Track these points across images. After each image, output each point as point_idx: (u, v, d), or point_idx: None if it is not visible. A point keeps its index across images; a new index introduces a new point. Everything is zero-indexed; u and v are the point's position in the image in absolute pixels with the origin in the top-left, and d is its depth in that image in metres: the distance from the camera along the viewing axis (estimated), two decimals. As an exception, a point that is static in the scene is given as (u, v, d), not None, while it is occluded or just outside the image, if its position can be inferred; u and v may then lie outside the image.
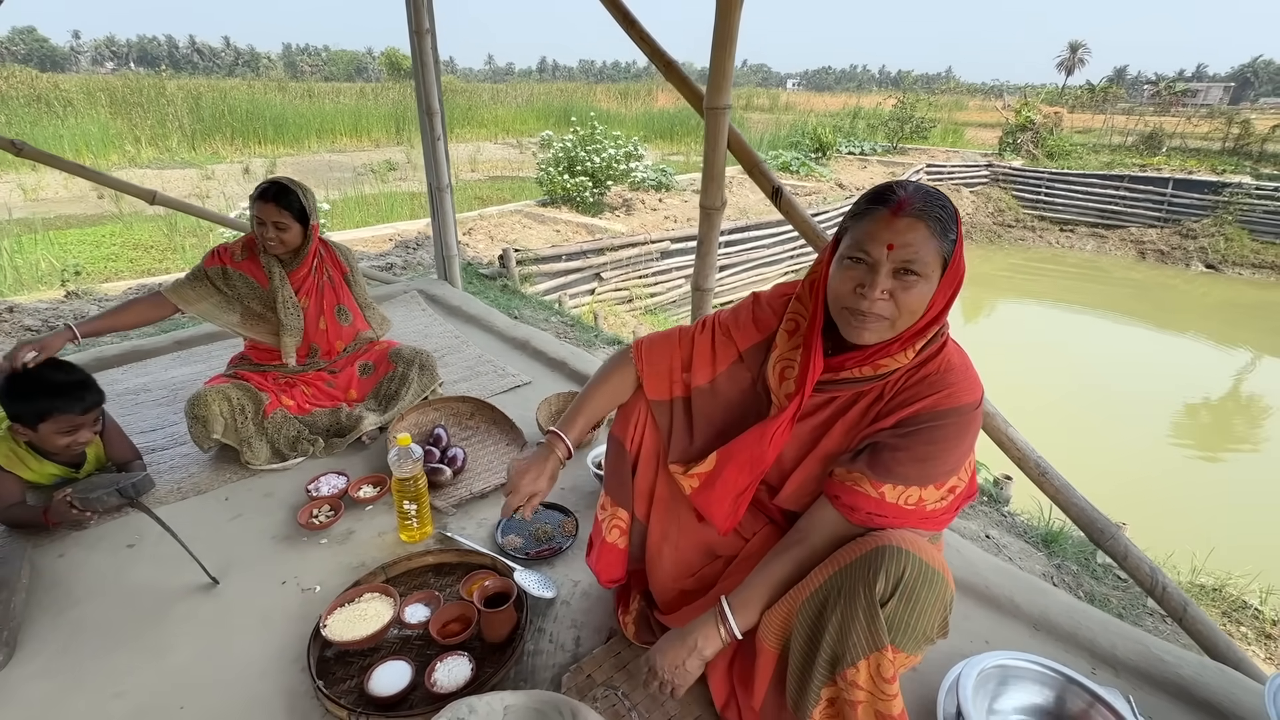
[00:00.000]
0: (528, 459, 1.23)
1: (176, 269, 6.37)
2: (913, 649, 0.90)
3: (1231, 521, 4.60)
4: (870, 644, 0.88)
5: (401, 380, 2.21)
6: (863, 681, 0.88)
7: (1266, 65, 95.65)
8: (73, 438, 1.65)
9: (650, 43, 2.18)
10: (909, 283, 0.89)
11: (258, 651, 1.36)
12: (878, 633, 0.87)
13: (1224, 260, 11.93)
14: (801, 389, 1.04)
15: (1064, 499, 1.64)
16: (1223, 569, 2.39)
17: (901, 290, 0.90)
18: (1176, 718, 1.26)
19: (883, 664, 0.87)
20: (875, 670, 0.88)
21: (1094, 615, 1.46)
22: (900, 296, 0.90)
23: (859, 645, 0.89)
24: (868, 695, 0.88)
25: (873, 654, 0.88)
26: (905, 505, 0.96)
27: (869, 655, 0.88)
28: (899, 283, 0.90)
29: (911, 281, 0.89)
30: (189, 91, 16.43)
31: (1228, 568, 2.39)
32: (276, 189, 1.92)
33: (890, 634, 0.88)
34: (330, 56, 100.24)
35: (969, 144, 18.68)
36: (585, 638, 1.41)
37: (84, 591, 1.52)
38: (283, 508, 1.82)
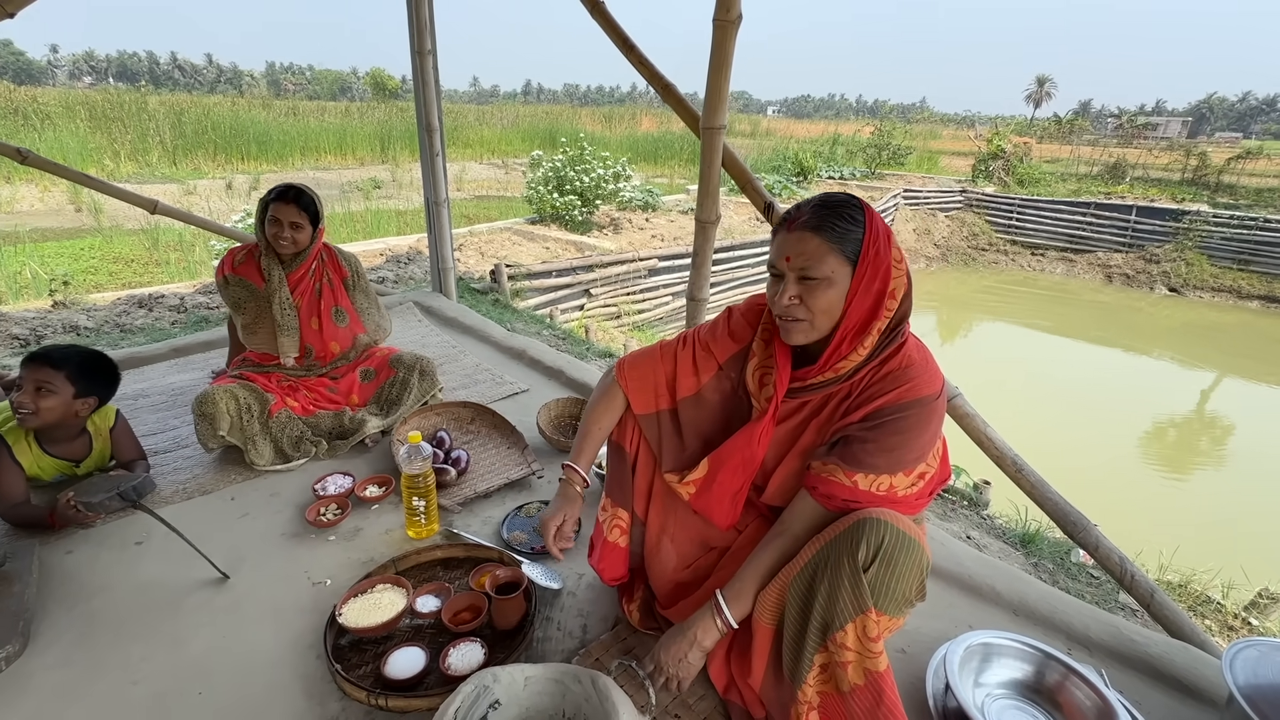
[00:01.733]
0: (553, 506, 1.34)
1: (159, 282, 6.34)
2: (895, 611, 0.99)
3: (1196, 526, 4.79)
4: (855, 607, 0.96)
5: (403, 385, 2.27)
6: (850, 643, 0.96)
7: (1221, 102, 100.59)
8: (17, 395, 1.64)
9: (648, 66, 2.31)
10: (810, 287, 1.02)
11: (272, 640, 1.40)
12: (861, 596, 0.95)
13: (1185, 284, 12.45)
14: (776, 394, 1.14)
15: (1039, 494, 1.75)
16: (1187, 567, 2.52)
17: (808, 294, 1.02)
18: (1145, 690, 1.36)
19: (868, 625, 0.95)
20: (862, 631, 0.96)
21: (1069, 601, 1.56)
22: (808, 299, 1.02)
23: (846, 610, 0.97)
24: (856, 655, 0.96)
25: (858, 617, 0.96)
26: (877, 492, 1.05)
27: (855, 618, 0.96)
28: (804, 287, 1.03)
29: (812, 285, 1.01)
30: (171, 107, 16.36)
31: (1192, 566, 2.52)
32: (295, 191, 2.03)
33: (873, 597, 0.96)
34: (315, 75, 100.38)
35: (943, 171, 19.32)
36: (591, 625, 1.47)
37: (95, 586, 1.54)
38: (289, 506, 1.86)
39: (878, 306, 1.03)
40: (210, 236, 7.67)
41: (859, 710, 0.95)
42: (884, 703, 0.94)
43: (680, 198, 10.49)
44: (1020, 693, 1.26)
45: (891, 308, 1.04)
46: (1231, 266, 12.36)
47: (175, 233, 8.26)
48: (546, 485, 2.01)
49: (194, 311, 4.09)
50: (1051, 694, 1.23)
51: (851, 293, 1.01)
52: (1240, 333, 11.20)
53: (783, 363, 1.13)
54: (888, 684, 0.94)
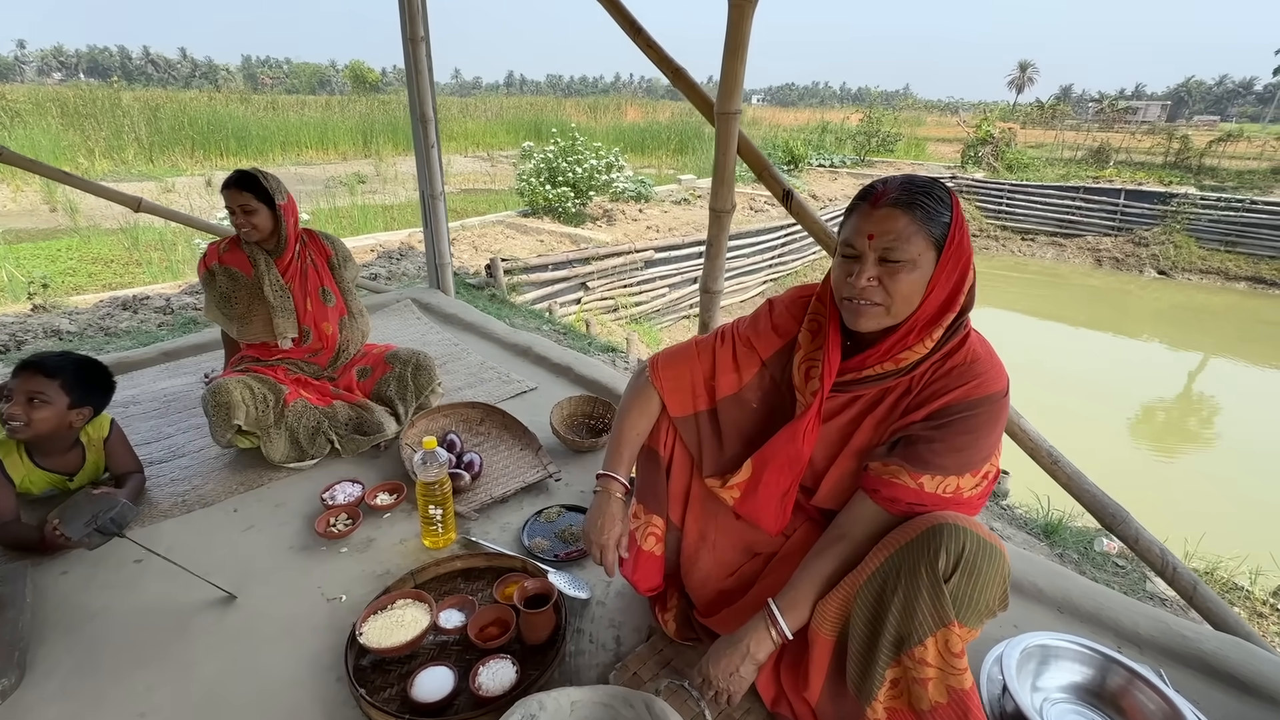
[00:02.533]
0: (592, 512, 1.24)
1: (140, 283, 6.17)
2: (975, 623, 0.92)
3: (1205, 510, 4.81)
4: (936, 620, 0.89)
5: (398, 381, 2.19)
6: (931, 658, 0.90)
7: (1198, 85, 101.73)
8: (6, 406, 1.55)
9: (657, 49, 2.22)
10: (893, 269, 0.93)
11: (287, 663, 1.32)
12: (943, 609, 0.89)
13: (1174, 266, 12.56)
14: (823, 385, 1.06)
15: (1075, 486, 1.70)
16: (1211, 554, 2.50)
17: (888, 277, 0.94)
18: (1202, 689, 1.31)
19: (950, 639, 0.89)
20: (944, 646, 0.89)
21: (1114, 597, 1.52)
22: (888, 282, 0.94)
23: (925, 623, 0.90)
24: (938, 671, 0.90)
25: (939, 630, 0.89)
26: (944, 494, 0.98)
27: (936, 632, 0.90)
28: (884, 269, 0.94)
29: (895, 268, 0.93)
30: (145, 103, 15.96)
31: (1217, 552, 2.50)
32: (238, 174, 1.98)
33: (955, 609, 0.89)
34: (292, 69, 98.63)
35: (930, 157, 19.33)
36: (625, 636, 1.40)
37: (93, 609, 1.44)
38: (296, 517, 1.77)
39: (954, 297, 0.96)
40: (193, 234, 7.47)
41: None
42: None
43: (672, 188, 10.38)
44: (1080, 697, 1.21)
45: (959, 303, 0.97)
46: (1219, 248, 12.48)
47: (156, 231, 8.05)
48: (564, 488, 1.94)
49: (181, 313, 3.95)
50: (1114, 699, 1.18)
51: (933, 280, 0.94)
52: (1229, 314, 11.32)
53: (833, 351, 1.05)
54: (974, 703, 0.88)
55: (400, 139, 17.58)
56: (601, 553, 1.22)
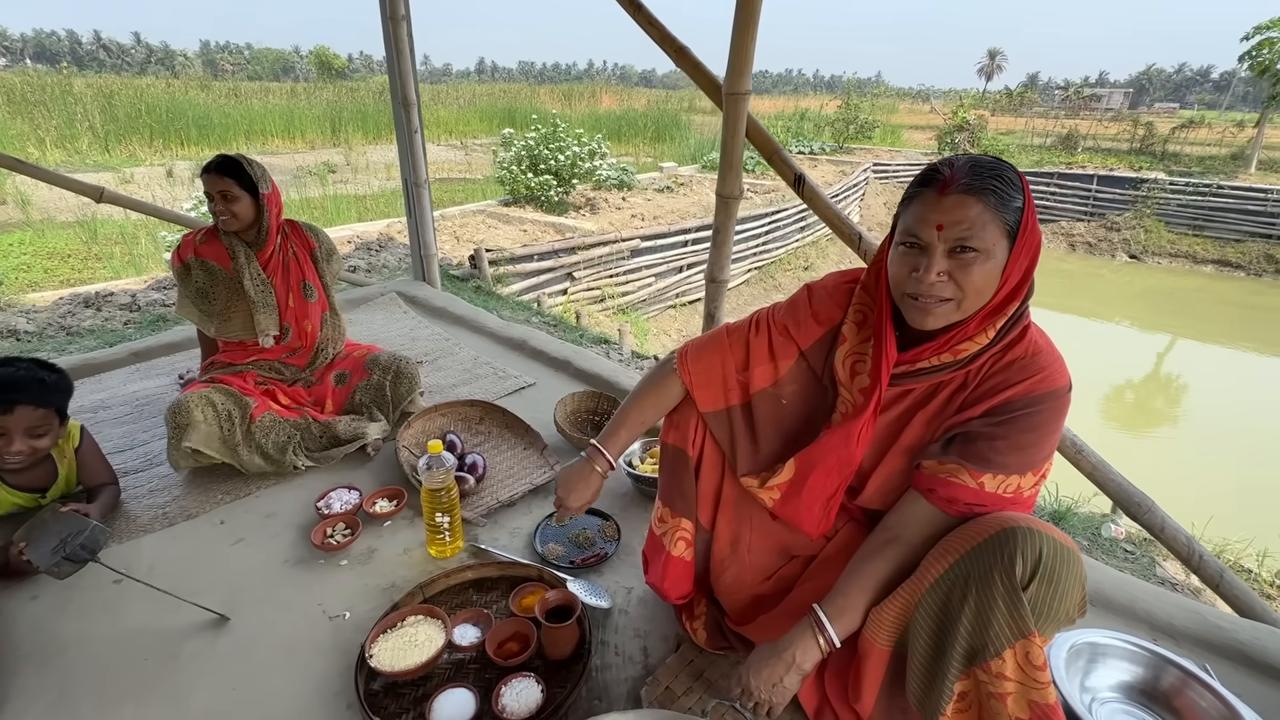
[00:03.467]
0: (570, 471, 1.25)
1: (102, 278, 5.89)
2: (1052, 632, 0.87)
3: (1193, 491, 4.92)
4: (1015, 631, 0.83)
5: (375, 390, 2.05)
6: (1010, 672, 0.84)
7: (1159, 73, 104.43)
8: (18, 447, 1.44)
9: (659, 27, 2.12)
10: (966, 260, 0.85)
11: (291, 689, 1.22)
12: (1023, 619, 0.83)
13: (1145, 250, 12.88)
14: (877, 381, 0.99)
15: (1100, 476, 1.67)
16: (1217, 537, 2.52)
17: (960, 270, 0.86)
18: (1242, 681, 1.29)
19: (1031, 651, 0.83)
20: (1024, 658, 0.83)
21: (1145, 587, 1.49)
22: (960, 276, 0.86)
23: (1002, 634, 0.84)
24: (1018, 685, 0.84)
25: (1019, 642, 0.83)
26: (1004, 494, 0.92)
27: (1015, 644, 0.84)
28: (956, 262, 0.86)
29: (969, 259, 0.85)
30: (99, 90, 15.27)
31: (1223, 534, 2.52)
32: (220, 159, 1.84)
33: (1034, 619, 0.84)
34: (254, 55, 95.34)
35: (907, 144, 19.47)
36: (652, 647, 1.33)
37: (70, 637, 1.32)
38: (290, 529, 1.66)
39: (1022, 285, 0.89)
40: (158, 226, 7.15)
41: None
42: None
43: (654, 175, 10.25)
44: (1131, 697, 1.17)
45: (1025, 289, 0.90)
46: (1187, 232, 12.82)
47: (115, 224, 7.70)
48: (574, 489, 1.84)
49: (148, 310, 3.75)
50: (1167, 699, 1.14)
51: (1007, 270, 0.86)
52: (1196, 296, 11.65)
53: (889, 346, 0.97)
54: (1058, 716, 0.83)
55: (370, 127, 17.11)
56: (562, 511, 1.26)
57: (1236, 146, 17.32)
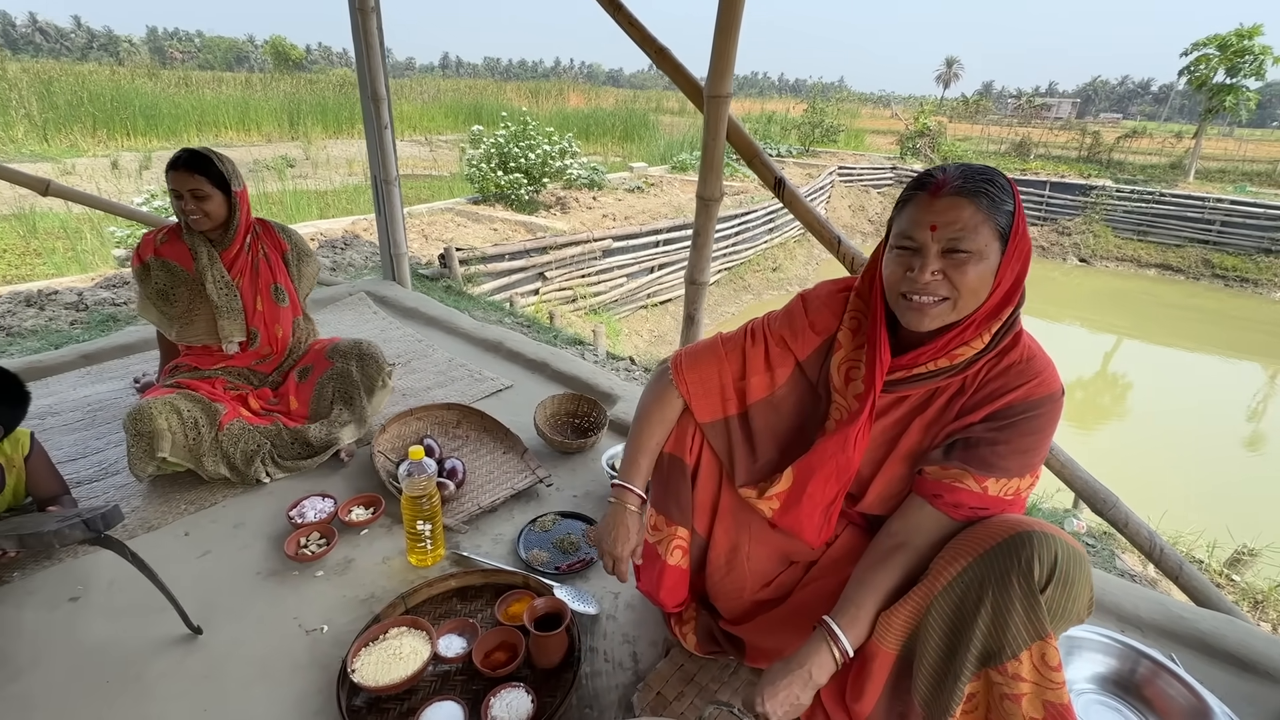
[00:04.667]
0: (606, 522, 1.20)
1: (42, 275, 5.58)
2: (1060, 631, 0.89)
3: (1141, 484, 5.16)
4: (1031, 633, 0.84)
5: (341, 378, 1.97)
6: (1026, 673, 0.85)
7: (1104, 84, 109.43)
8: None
9: (639, 28, 2.11)
10: (959, 260, 0.87)
11: (267, 709, 1.17)
12: (1039, 621, 0.84)
13: (1093, 254, 13.47)
14: (871, 385, 1.00)
15: (1068, 474, 1.73)
16: (1171, 529, 2.65)
17: (954, 270, 0.88)
18: (1204, 669, 1.35)
19: (1047, 653, 0.84)
20: (1040, 660, 0.85)
21: (1112, 580, 1.55)
22: (954, 276, 0.88)
23: (1019, 636, 0.85)
24: (1033, 686, 0.85)
25: (1035, 643, 0.84)
26: (1005, 497, 0.94)
27: (1031, 645, 0.85)
28: (949, 262, 0.88)
29: (962, 259, 0.87)
30: (36, 75, 14.48)
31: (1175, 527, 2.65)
32: (189, 154, 1.73)
33: (1050, 621, 0.85)
34: (205, 43, 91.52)
35: (869, 148, 19.92)
36: (641, 652, 1.32)
37: (25, 659, 1.24)
38: (260, 539, 1.59)
39: (1015, 290, 0.91)
40: (106, 221, 6.80)
41: None
42: None
43: (624, 175, 10.23)
44: (1105, 688, 1.22)
45: (1018, 294, 0.92)
46: (1133, 237, 13.46)
47: (57, 218, 7.30)
48: (556, 494, 1.83)
49: (96, 310, 3.55)
50: (1139, 689, 1.19)
51: (1000, 272, 0.89)
52: (1140, 299, 12.23)
53: (883, 350, 0.98)
54: (1073, 717, 0.85)
55: (330, 121, 16.64)
56: (615, 564, 1.18)
57: (1175, 156, 18.27)
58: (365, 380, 1.97)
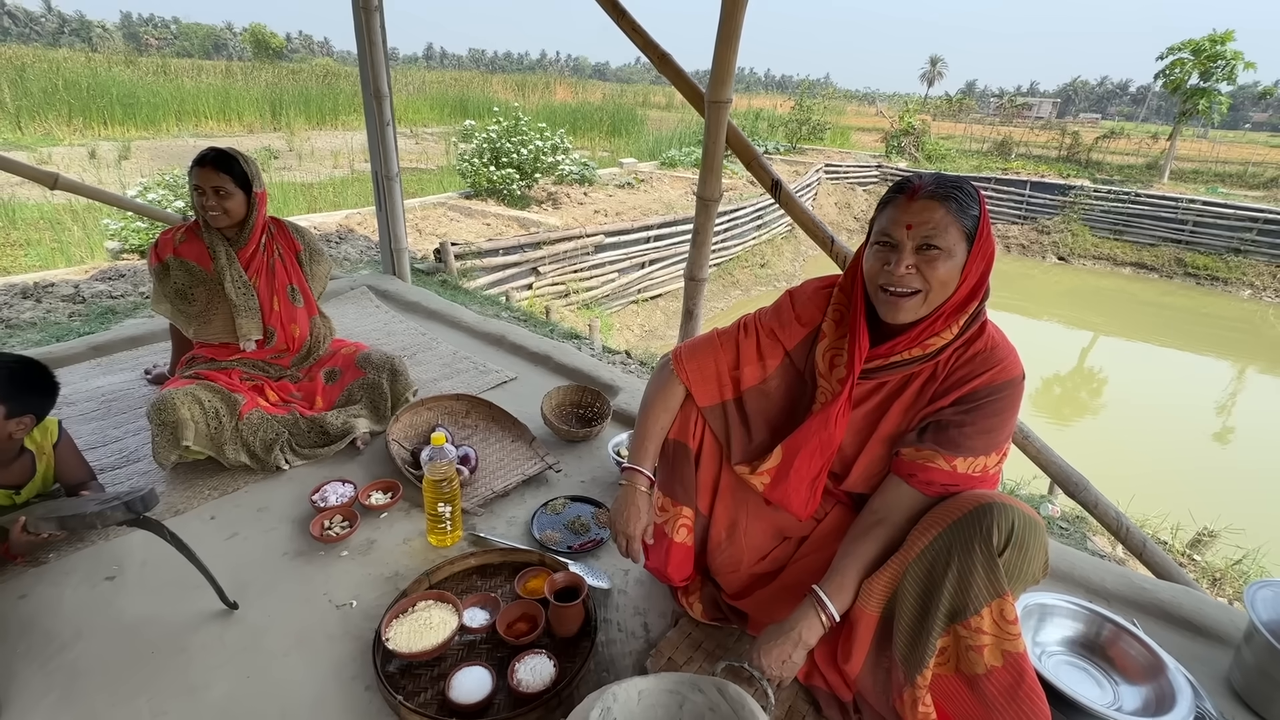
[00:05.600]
0: (619, 504, 1.28)
1: (23, 267, 5.50)
2: (1019, 591, 1.00)
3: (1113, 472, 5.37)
4: (991, 592, 0.96)
5: (372, 388, 2.07)
6: (987, 627, 0.97)
7: (1083, 85, 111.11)
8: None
9: (642, 34, 2.19)
10: (931, 257, 0.99)
11: (307, 676, 1.25)
12: (998, 581, 0.96)
13: (1071, 253, 13.79)
14: (852, 371, 1.11)
15: (1044, 459, 1.86)
16: (1138, 513, 2.81)
17: (926, 265, 0.99)
18: (1162, 634, 1.49)
19: (1005, 608, 0.96)
20: (999, 615, 0.96)
21: (1082, 556, 1.68)
22: (926, 271, 0.99)
23: (980, 595, 0.97)
24: (993, 639, 0.97)
25: (995, 600, 0.96)
26: (974, 474, 1.05)
27: (991, 602, 0.96)
28: (922, 258, 1.00)
29: (934, 256, 0.99)
30: (8, 61, 14.13)
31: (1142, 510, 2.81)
32: (215, 153, 1.80)
33: (1008, 581, 0.97)
34: (181, 30, 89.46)
35: (855, 146, 20.14)
36: (652, 623, 1.42)
37: (68, 634, 1.31)
38: (284, 522, 1.67)
39: (980, 286, 1.02)
40: (99, 213, 6.73)
41: (994, 690, 0.97)
42: (1025, 681, 0.95)
43: (615, 171, 10.29)
44: (1074, 649, 1.34)
45: (983, 290, 1.04)
46: (1109, 237, 13.80)
47: (36, 209, 7.20)
48: (564, 479, 1.92)
49: (94, 302, 3.57)
50: (1104, 649, 1.31)
51: (966, 269, 1.00)
52: (1116, 296, 12.57)
53: (862, 338, 1.10)
54: (1027, 663, 0.96)
55: (314, 112, 16.43)
56: (628, 543, 1.26)
57: (1152, 157, 18.72)
58: (395, 394, 2.09)
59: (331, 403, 2.06)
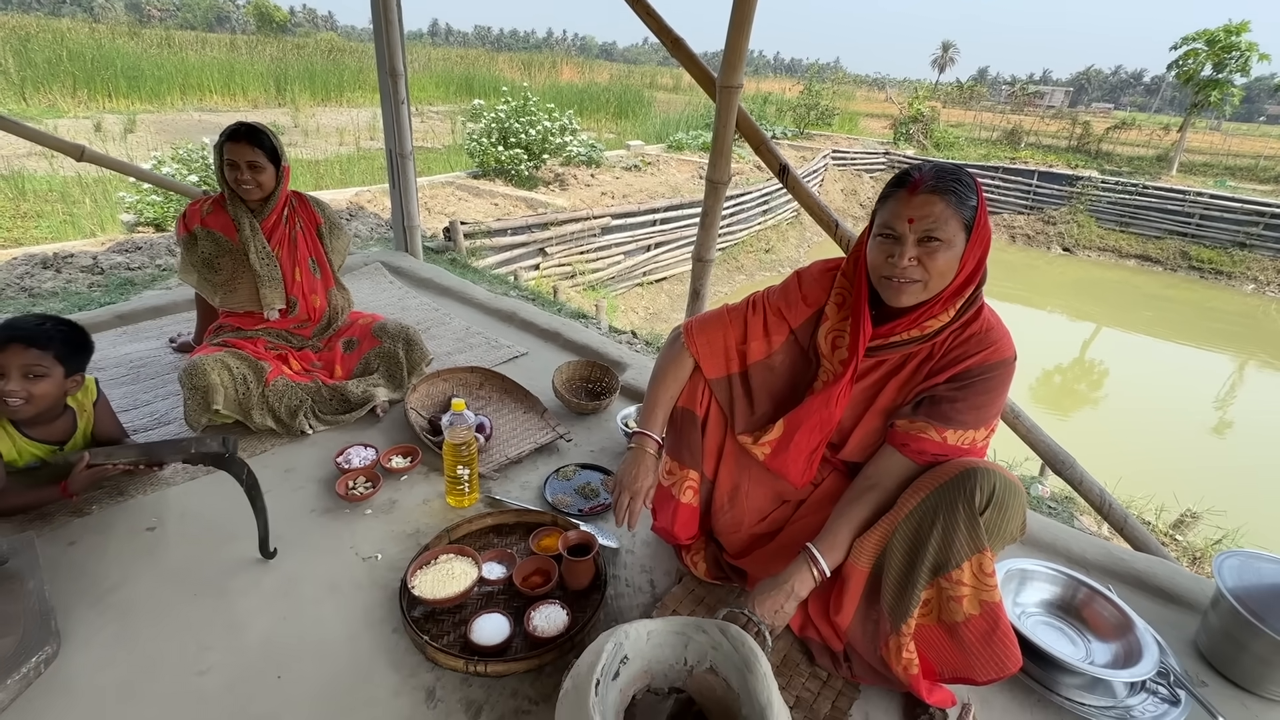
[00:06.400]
0: (626, 464, 1.36)
1: (34, 238, 5.58)
2: (999, 548, 1.09)
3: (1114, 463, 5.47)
4: (972, 547, 1.05)
5: (389, 357, 2.15)
6: (967, 579, 1.06)
7: (1097, 74, 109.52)
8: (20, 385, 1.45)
9: (656, 19, 2.24)
10: (932, 249, 1.06)
11: (338, 619, 1.35)
12: (979, 538, 1.05)
13: (1077, 244, 13.77)
14: (855, 352, 1.19)
15: (1033, 438, 1.94)
16: (1125, 495, 2.90)
17: (927, 256, 1.06)
18: (1136, 600, 1.58)
19: (984, 562, 1.05)
20: (978, 568, 1.06)
21: (1065, 529, 1.77)
22: (927, 262, 1.06)
23: (962, 550, 1.06)
24: (972, 589, 1.06)
25: (975, 555, 1.05)
26: (963, 446, 1.14)
27: (971, 557, 1.06)
28: (924, 250, 1.06)
29: (935, 248, 1.06)
30: (12, 30, 14.03)
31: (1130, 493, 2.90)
32: (248, 128, 1.87)
33: (987, 538, 1.06)
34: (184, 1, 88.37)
35: (863, 132, 19.99)
36: (657, 580, 1.52)
37: (115, 578, 1.41)
38: (311, 482, 1.76)
39: (977, 271, 1.10)
40: (108, 187, 6.78)
41: (972, 636, 1.06)
42: (999, 627, 1.05)
43: (621, 153, 10.29)
44: (1051, 610, 1.44)
45: (979, 275, 1.11)
46: (1115, 228, 13.78)
47: (45, 180, 7.25)
48: (574, 449, 2.01)
49: (113, 273, 3.64)
50: (1078, 610, 1.41)
51: (964, 257, 1.07)
52: (1119, 288, 12.58)
53: (865, 323, 1.17)
54: (1002, 612, 1.05)
55: (319, 88, 16.33)
56: (631, 499, 1.32)
57: (1162, 149, 18.57)
58: (410, 363, 2.16)
59: (350, 371, 2.15)
